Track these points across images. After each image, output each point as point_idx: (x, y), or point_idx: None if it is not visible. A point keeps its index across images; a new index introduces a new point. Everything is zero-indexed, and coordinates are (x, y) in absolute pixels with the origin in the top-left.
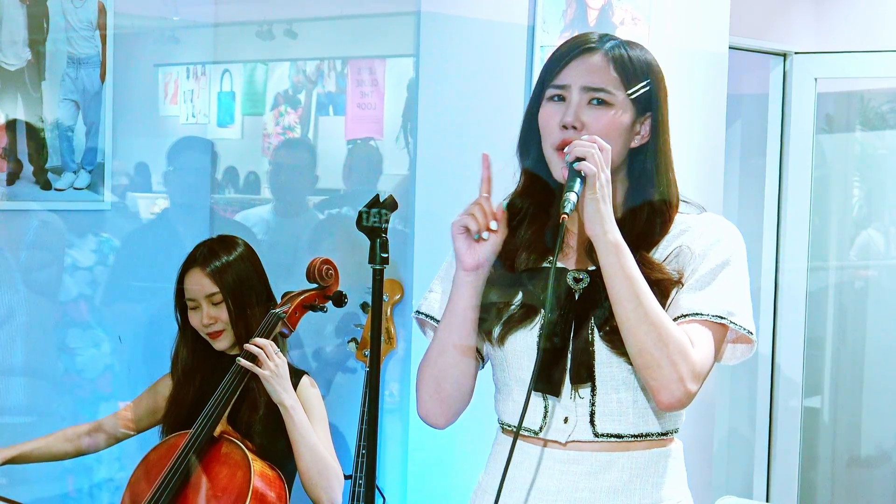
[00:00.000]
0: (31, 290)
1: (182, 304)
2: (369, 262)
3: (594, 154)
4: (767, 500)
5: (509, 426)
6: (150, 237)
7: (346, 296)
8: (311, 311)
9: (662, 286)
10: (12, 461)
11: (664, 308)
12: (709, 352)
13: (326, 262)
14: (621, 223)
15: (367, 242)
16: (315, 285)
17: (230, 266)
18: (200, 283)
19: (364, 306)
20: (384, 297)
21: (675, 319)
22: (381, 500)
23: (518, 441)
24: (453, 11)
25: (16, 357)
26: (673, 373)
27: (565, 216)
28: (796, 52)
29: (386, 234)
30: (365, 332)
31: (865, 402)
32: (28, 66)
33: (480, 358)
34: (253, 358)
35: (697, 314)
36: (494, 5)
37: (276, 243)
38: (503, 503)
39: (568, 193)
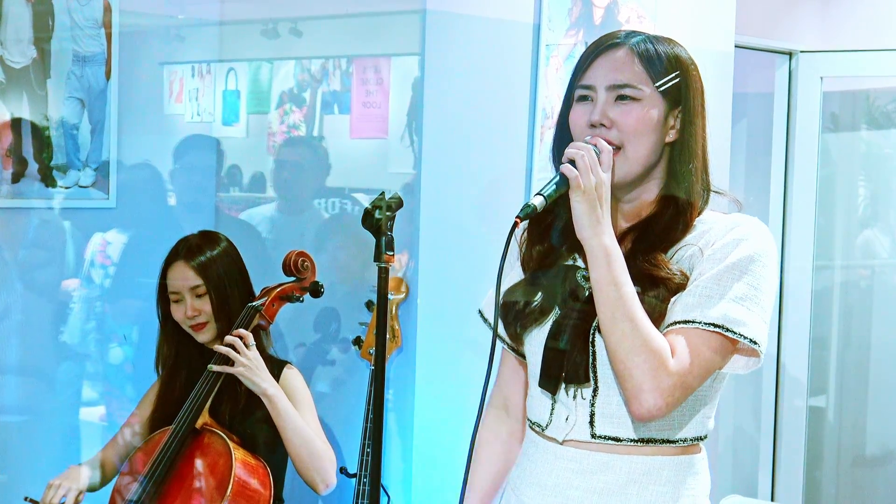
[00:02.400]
0: (29, 288)
1: (164, 299)
2: (374, 261)
3: (584, 156)
4: (772, 500)
5: (531, 422)
6: (155, 235)
7: (322, 286)
8: (288, 303)
9: (666, 284)
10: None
11: (664, 308)
12: (688, 362)
13: (301, 254)
14: (648, 221)
15: (373, 240)
16: (292, 278)
17: (213, 260)
18: (184, 276)
19: (369, 304)
20: (389, 295)
21: (669, 326)
22: (386, 498)
23: (533, 435)
24: (458, 10)
25: (11, 356)
26: (642, 383)
27: (517, 220)
28: (802, 51)
29: (391, 232)
30: (370, 330)
31: (871, 402)
32: (33, 64)
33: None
34: (226, 358)
35: (689, 322)
36: (500, 4)
37: (281, 241)
38: (515, 493)
39: (534, 196)
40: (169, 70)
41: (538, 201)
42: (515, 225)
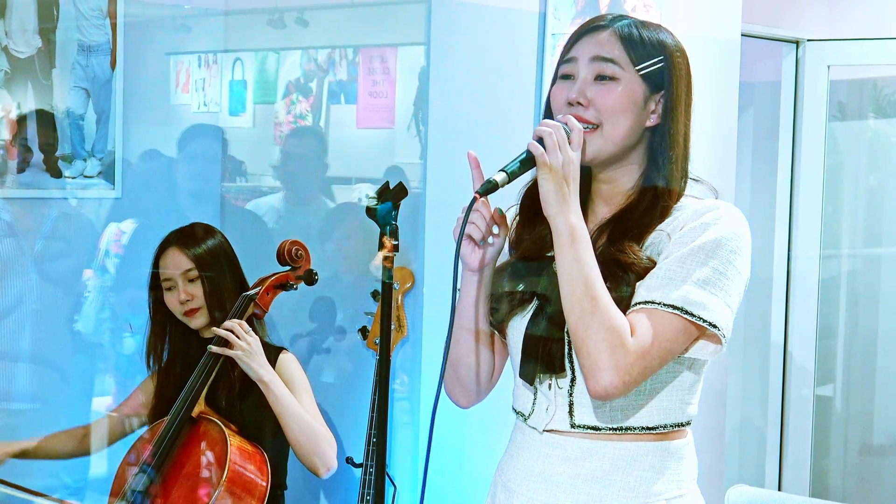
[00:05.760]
0: (44, 278)
1: (156, 289)
2: (379, 250)
3: (552, 134)
4: (779, 489)
5: (517, 412)
6: (160, 225)
7: (316, 274)
8: (283, 292)
9: (632, 269)
10: (18, 456)
11: (630, 294)
12: (648, 343)
13: (295, 243)
14: (626, 209)
15: (378, 230)
16: (287, 267)
17: (206, 248)
18: (176, 260)
19: (375, 294)
20: (395, 285)
21: (632, 307)
22: (392, 487)
23: (520, 423)
24: None
25: (23, 344)
26: (599, 360)
27: (476, 195)
28: (809, 40)
29: (396, 221)
30: (375, 320)
31: (878, 391)
32: (38, 54)
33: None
34: (225, 342)
35: (650, 302)
36: None
37: (286, 232)
38: (502, 480)
39: (496, 173)
40: (175, 60)
41: (500, 177)
42: (475, 199)
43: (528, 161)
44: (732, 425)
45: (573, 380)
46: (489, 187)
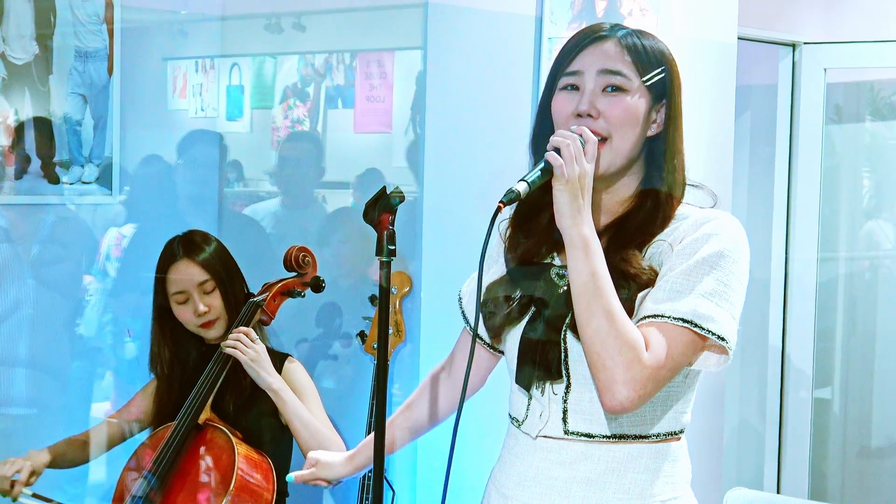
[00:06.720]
0: (42, 283)
1: (162, 300)
2: (376, 255)
3: (569, 145)
4: (778, 492)
5: (511, 417)
6: (159, 231)
7: (323, 281)
8: (289, 298)
9: (635, 280)
10: (49, 465)
11: (632, 305)
12: (663, 356)
13: (302, 249)
14: (626, 216)
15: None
16: (293, 273)
17: (214, 254)
18: (190, 273)
19: (373, 299)
20: (393, 289)
21: (639, 320)
22: (391, 492)
23: (513, 429)
24: (461, 3)
25: (21, 349)
26: (615, 374)
27: (501, 204)
28: (805, 43)
29: (393, 226)
30: (373, 324)
31: (876, 393)
32: (35, 60)
33: (497, 351)
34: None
35: (659, 316)
36: None
37: (284, 237)
38: (496, 486)
39: (517, 182)
40: (172, 65)
41: (522, 187)
42: (499, 210)
43: (547, 171)
44: (731, 428)
45: (568, 386)
46: (512, 197)
